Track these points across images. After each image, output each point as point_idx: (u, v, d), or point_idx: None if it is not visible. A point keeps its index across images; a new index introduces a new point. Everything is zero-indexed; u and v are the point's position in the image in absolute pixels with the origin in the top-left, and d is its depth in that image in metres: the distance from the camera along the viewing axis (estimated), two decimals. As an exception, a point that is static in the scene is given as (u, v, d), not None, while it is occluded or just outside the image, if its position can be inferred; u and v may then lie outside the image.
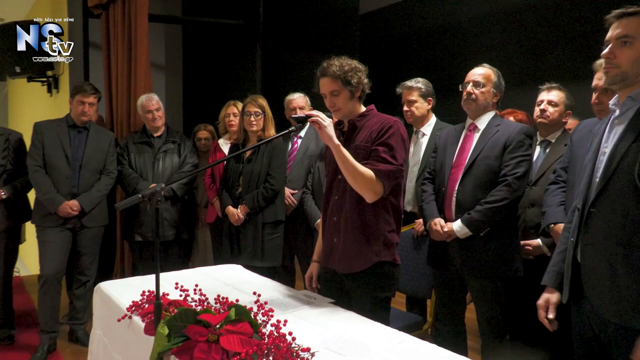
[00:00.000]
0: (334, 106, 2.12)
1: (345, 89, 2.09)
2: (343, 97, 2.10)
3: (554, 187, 2.41)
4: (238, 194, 3.34)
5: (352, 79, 2.08)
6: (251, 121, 3.30)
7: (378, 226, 2.09)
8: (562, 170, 2.42)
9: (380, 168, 2.01)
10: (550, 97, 2.82)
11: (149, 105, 3.77)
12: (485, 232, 2.43)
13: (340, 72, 2.07)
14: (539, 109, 2.83)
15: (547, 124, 2.82)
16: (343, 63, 2.09)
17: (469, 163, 2.49)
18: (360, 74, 2.11)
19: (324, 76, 2.10)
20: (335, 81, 2.08)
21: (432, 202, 2.62)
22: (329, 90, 2.10)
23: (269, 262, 3.27)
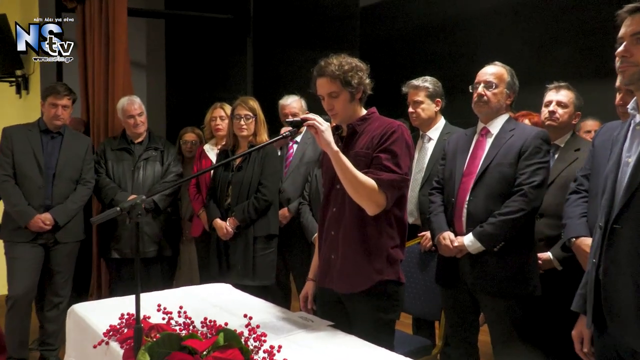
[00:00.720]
0: (332, 109, 2.13)
1: (344, 90, 2.10)
2: (342, 99, 2.11)
3: (575, 197, 2.41)
4: (227, 205, 3.35)
5: (352, 79, 2.09)
6: (241, 125, 3.31)
7: (380, 241, 2.09)
8: (583, 178, 2.42)
9: (383, 177, 2.02)
10: (559, 98, 2.83)
11: (131, 110, 3.77)
12: (499, 247, 2.44)
13: (340, 71, 2.07)
14: (547, 110, 2.85)
15: (556, 126, 2.83)
16: (342, 62, 2.09)
17: (481, 171, 2.50)
18: (361, 73, 2.12)
19: (322, 76, 2.11)
20: (333, 82, 2.08)
21: (440, 214, 2.63)
22: (327, 91, 2.11)
23: (262, 280, 3.27)
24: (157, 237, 3.75)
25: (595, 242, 1.74)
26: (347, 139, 2.17)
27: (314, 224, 3.31)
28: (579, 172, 2.49)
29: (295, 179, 3.68)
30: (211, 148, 3.87)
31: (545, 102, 2.89)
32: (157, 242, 3.75)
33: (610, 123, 2.45)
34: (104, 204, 3.73)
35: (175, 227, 3.96)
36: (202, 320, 1.92)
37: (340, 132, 2.22)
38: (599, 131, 2.49)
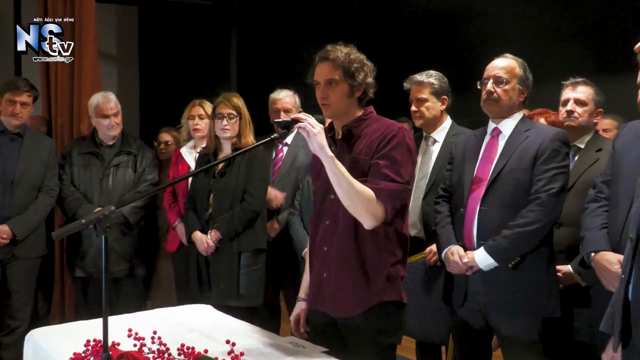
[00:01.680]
0: (326, 98, 2.13)
1: (345, 82, 2.11)
2: (340, 91, 2.12)
3: (594, 206, 2.42)
4: (208, 216, 3.34)
5: (357, 73, 2.11)
6: (224, 126, 3.31)
7: (379, 258, 2.09)
8: (603, 184, 2.43)
9: (382, 187, 2.02)
10: (577, 95, 2.85)
11: (106, 109, 3.75)
12: (514, 263, 2.45)
13: (346, 59, 2.09)
14: (565, 110, 2.86)
15: (575, 127, 2.85)
16: (351, 52, 2.12)
17: (493, 177, 2.51)
18: (367, 70, 2.14)
19: (325, 60, 2.12)
20: (336, 69, 2.10)
21: (448, 226, 2.63)
22: (325, 77, 2.12)
23: (248, 301, 3.26)
24: (128, 255, 3.74)
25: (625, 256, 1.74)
26: (342, 142, 2.18)
27: (305, 237, 3.30)
28: (598, 177, 2.50)
29: (284, 186, 3.68)
30: (189, 151, 3.86)
31: (562, 100, 2.91)
32: (128, 259, 3.74)
33: (633, 122, 2.46)
34: (67, 216, 3.71)
35: (150, 240, 3.95)
36: (178, 347, 1.92)
37: (333, 135, 2.22)
38: (620, 132, 2.50)
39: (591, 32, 4.33)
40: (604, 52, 4.29)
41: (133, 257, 3.76)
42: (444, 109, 3.27)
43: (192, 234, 3.34)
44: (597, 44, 4.37)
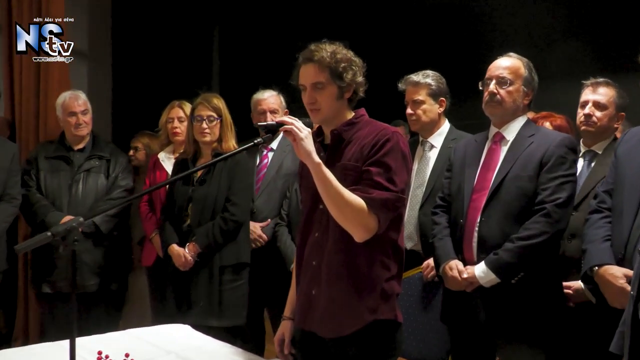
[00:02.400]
0: (314, 102, 2.14)
1: (333, 84, 2.11)
2: (328, 94, 2.12)
3: (597, 217, 2.44)
4: (186, 227, 3.33)
5: (345, 73, 2.11)
6: (203, 129, 3.31)
7: (373, 273, 2.09)
8: (605, 194, 2.46)
9: (375, 196, 2.02)
10: (597, 97, 2.87)
11: (73, 106, 3.77)
12: (518, 279, 2.46)
13: (332, 60, 2.09)
14: (583, 113, 2.88)
15: (593, 132, 2.87)
16: (337, 50, 2.12)
17: (495, 186, 2.52)
18: (356, 69, 2.14)
19: (309, 61, 2.12)
20: (322, 70, 2.10)
21: (446, 239, 2.64)
22: (311, 80, 2.12)
23: (230, 320, 3.26)
24: (100, 268, 3.72)
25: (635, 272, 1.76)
26: (331, 148, 2.18)
27: (293, 250, 3.30)
28: (600, 187, 2.52)
29: (270, 195, 3.68)
30: (167, 157, 3.86)
31: (581, 102, 2.91)
32: (100, 273, 3.72)
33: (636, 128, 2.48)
34: (34, 226, 3.69)
35: (123, 253, 3.93)
36: (153, 371, 1.90)
37: (322, 140, 2.23)
38: (622, 138, 2.52)
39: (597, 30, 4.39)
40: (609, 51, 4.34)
41: (105, 270, 3.73)
42: (442, 111, 3.28)
43: (169, 248, 3.33)
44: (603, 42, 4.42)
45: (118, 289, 3.88)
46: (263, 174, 3.74)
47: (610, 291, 2.26)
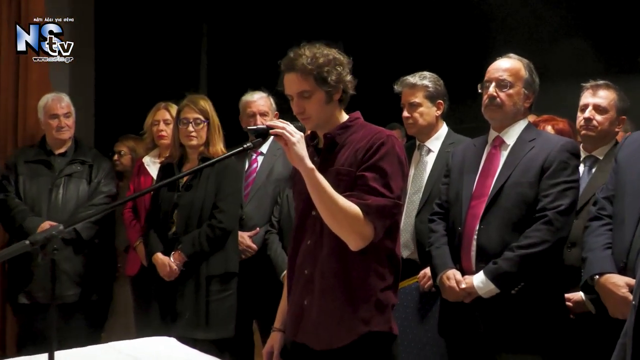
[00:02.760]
0: (303, 112, 2.14)
1: (319, 90, 2.11)
2: (316, 101, 2.12)
3: (597, 225, 2.45)
4: (172, 235, 3.32)
5: (329, 76, 2.10)
6: (189, 132, 3.30)
7: (367, 282, 2.09)
8: (605, 201, 2.47)
9: (370, 202, 2.02)
10: (598, 101, 2.88)
11: (56, 108, 3.76)
12: (518, 289, 2.46)
13: (313, 65, 2.09)
14: (583, 117, 2.89)
15: (594, 137, 2.88)
16: (317, 53, 2.11)
17: (494, 192, 2.53)
18: (340, 68, 2.13)
19: (291, 71, 2.12)
20: (305, 78, 2.10)
21: (443, 247, 2.64)
22: (296, 90, 2.12)
23: (217, 332, 3.25)
24: (81, 277, 3.69)
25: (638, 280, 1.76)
26: (324, 152, 2.19)
27: (285, 259, 3.29)
28: (600, 193, 2.53)
29: (260, 201, 3.67)
30: (153, 161, 3.85)
31: (581, 105, 2.93)
32: (80, 283, 3.69)
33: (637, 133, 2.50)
34: (12, 232, 3.67)
35: (107, 262, 3.91)
36: (136, 386, 1.89)
37: (316, 143, 2.23)
38: (623, 143, 2.54)
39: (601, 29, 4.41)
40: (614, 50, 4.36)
41: (86, 280, 3.71)
42: (440, 114, 3.29)
43: (153, 256, 3.31)
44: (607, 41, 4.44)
45: (101, 300, 3.86)
46: (252, 179, 3.73)
47: (612, 301, 2.27)
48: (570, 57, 4.41)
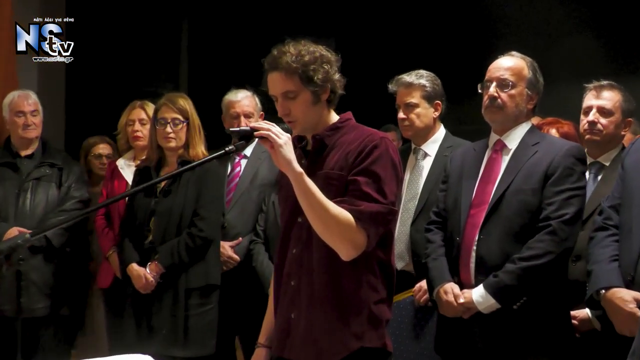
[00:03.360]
0: (288, 114, 2.14)
1: (305, 90, 2.12)
2: (302, 102, 2.13)
3: (603, 235, 2.46)
4: (148, 244, 3.31)
5: (315, 74, 2.11)
6: (167, 133, 3.29)
7: (359, 295, 2.09)
8: (611, 210, 2.48)
9: (363, 208, 2.02)
10: (602, 103, 2.89)
11: (22, 105, 3.75)
12: (520, 304, 2.47)
13: (298, 63, 2.09)
14: (587, 120, 2.90)
15: (599, 141, 2.89)
16: (302, 50, 2.12)
17: (495, 200, 2.54)
18: (327, 66, 2.14)
19: (274, 70, 2.12)
20: (290, 77, 2.10)
21: (440, 259, 2.64)
22: (281, 90, 2.13)
23: (197, 349, 3.24)
24: (50, 289, 3.65)
25: None
26: (313, 155, 2.19)
27: (271, 270, 3.28)
28: (605, 201, 2.54)
29: (243, 208, 3.67)
30: (127, 164, 3.84)
31: (584, 108, 2.94)
32: (50, 295, 3.65)
33: None
34: (-25, 241, 3.65)
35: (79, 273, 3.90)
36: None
37: (304, 145, 2.23)
38: (630, 148, 2.55)
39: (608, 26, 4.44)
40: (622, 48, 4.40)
41: (57, 292, 3.69)
42: (438, 116, 3.30)
43: (128, 267, 3.30)
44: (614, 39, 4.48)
45: (72, 314, 3.83)
46: (235, 183, 3.73)
47: (619, 316, 2.28)
48: (575, 56, 4.44)
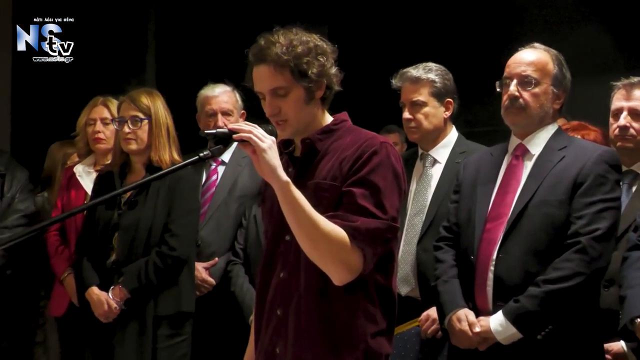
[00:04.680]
0: (277, 114, 2.14)
1: (298, 86, 2.12)
2: (294, 100, 2.13)
3: (638, 255, 2.49)
4: (111, 265, 3.31)
5: (309, 68, 2.11)
6: (126, 134, 3.29)
7: (354, 326, 2.08)
8: None
9: (358, 225, 2.02)
10: (634, 104, 2.91)
11: None
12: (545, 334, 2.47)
13: (290, 55, 2.10)
14: (617, 124, 2.91)
15: (632, 148, 2.90)
16: (294, 40, 2.12)
17: (516, 213, 2.55)
18: (323, 59, 2.15)
19: (261, 62, 2.13)
20: (280, 72, 2.11)
21: (452, 281, 2.66)
22: (269, 86, 2.13)
23: (165, 388, 3.24)
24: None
25: None
26: (302, 162, 2.19)
27: (252, 295, 3.29)
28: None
29: (220, 223, 3.69)
30: (87, 171, 3.83)
31: (613, 110, 2.96)
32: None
33: None
34: None
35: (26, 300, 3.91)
36: None
37: (292, 151, 2.23)
38: None
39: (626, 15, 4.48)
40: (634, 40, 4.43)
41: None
42: (449, 116, 3.31)
43: (87, 291, 3.29)
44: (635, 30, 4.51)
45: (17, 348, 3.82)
46: (211, 194, 3.74)
47: None
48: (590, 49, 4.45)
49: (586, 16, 4.67)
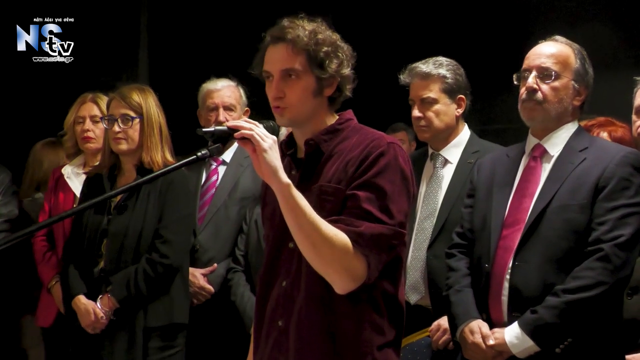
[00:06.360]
0: (281, 97, 2.15)
1: (310, 74, 2.13)
2: (302, 87, 2.14)
3: None
4: (99, 273, 3.31)
5: (327, 59, 2.13)
6: (116, 134, 3.28)
7: (360, 338, 2.09)
8: None
9: (362, 230, 2.02)
10: None
11: None
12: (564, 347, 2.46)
13: (311, 41, 2.12)
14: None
15: None
16: (317, 29, 2.14)
17: (534, 218, 2.54)
18: (342, 57, 2.16)
19: (280, 41, 2.14)
20: (297, 54, 2.12)
21: (465, 290, 2.65)
22: (281, 66, 2.14)
23: (157, 403, 3.25)
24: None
25: None
26: (305, 164, 2.19)
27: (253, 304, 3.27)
28: None
29: (219, 227, 3.69)
30: (76, 172, 3.84)
31: (636, 107, 2.94)
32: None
33: None
34: None
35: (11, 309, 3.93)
36: None
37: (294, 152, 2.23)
38: None
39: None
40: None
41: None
42: (461, 114, 3.31)
43: (73, 300, 3.29)
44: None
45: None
46: (211, 195, 3.74)
47: None
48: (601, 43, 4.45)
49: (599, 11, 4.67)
